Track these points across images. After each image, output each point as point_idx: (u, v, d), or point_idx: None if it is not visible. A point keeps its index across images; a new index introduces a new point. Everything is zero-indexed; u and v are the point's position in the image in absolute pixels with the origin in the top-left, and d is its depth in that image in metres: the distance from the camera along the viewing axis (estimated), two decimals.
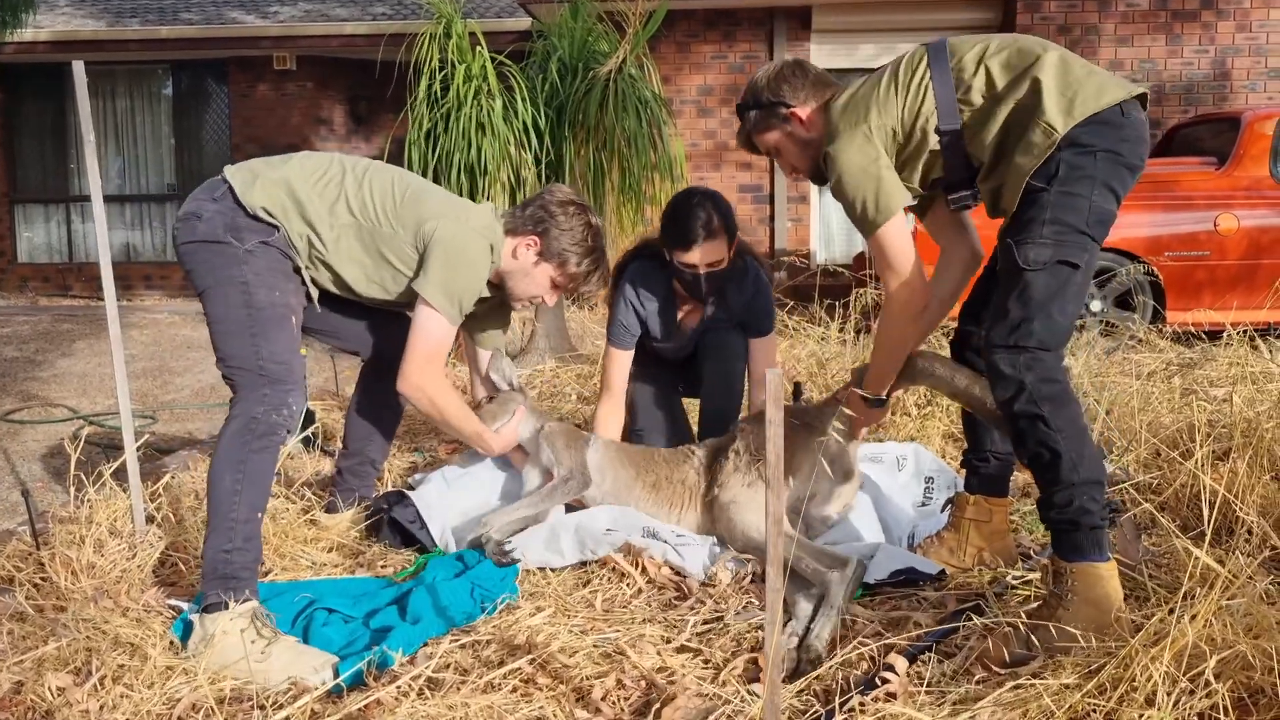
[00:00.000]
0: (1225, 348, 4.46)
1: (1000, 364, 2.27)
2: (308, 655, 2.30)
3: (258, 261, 2.59)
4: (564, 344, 6.39)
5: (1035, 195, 2.29)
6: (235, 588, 2.37)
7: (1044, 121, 2.28)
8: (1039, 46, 2.40)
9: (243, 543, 2.41)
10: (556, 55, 6.17)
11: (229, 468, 2.44)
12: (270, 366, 2.53)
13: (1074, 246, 2.26)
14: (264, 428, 2.48)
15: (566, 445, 3.04)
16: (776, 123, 2.68)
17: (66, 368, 6.82)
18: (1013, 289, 2.29)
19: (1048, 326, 2.25)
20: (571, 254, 2.90)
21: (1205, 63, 9.69)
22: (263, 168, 2.70)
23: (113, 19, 11.47)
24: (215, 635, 2.29)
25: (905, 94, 2.47)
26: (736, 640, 2.37)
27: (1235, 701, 1.80)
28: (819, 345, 5.36)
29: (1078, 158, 2.27)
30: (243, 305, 2.55)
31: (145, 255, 12.42)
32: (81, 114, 2.91)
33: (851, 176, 2.46)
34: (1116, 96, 2.30)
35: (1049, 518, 2.29)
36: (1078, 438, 2.24)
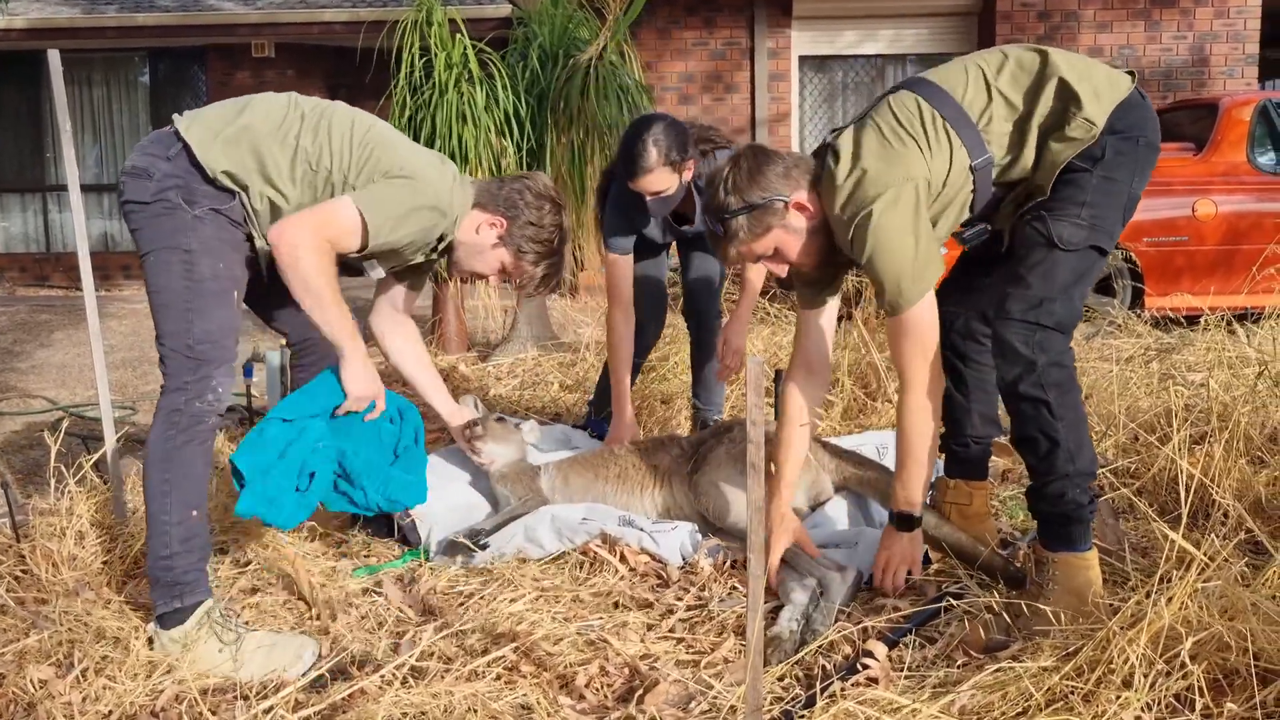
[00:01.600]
0: (1203, 333, 4.50)
1: (1014, 339, 2.23)
2: (282, 645, 2.28)
3: (205, 229, 2.41)
4: (546, 332, 6.39)
5: (1076, 175, 2.25)
6: (180, 594, 2.30)
7: (1082, 117, 2.23)
8: (1029, 51, 2.35)
9: (180, 545, 2.32)
10: (537, 42, 6.15)
11: (156, 468, 2.35)
12: (199, 347, 2.39)
13: (1105, 234, 2.25)
14: (187, 420, 2.36)
15: (518, 478, 3.08)
16: (775, 221, 2.39)
17: (45, 358, 6.77)
18: (1038, 263, 2.25)
19: (1068, 309, 2.24)
20: (531, 248, 2.76)
21: (1184, 49, 9.73)
22: (219, 122, 2.47)
23: (89, 6, 11.36)
24: (179, 649, 2.25)
25: (925, 141, 2.29)
26: (721, 626, 2.38)
27: (1211, 683, 1.83)
28: None
29: (1123, 143, 2.25)
30: (183, 276, 2.40)
31: (124, 245, 12.31)
32: (58, 103, 2.88)
33: (892, 242, 2.24)
34: (1126, 80, 2.31)
35: (1039, 509, 2.29)
36: (1077, 427, 2.24)
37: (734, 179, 2.39)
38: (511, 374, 5.61)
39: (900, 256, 2.25)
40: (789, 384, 2.65)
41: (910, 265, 2.25)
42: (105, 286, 11.70)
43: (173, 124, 2.49)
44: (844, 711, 1.81)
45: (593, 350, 5.63)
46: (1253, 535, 2.47)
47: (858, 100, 10.44)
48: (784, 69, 10.16)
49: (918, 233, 2.26)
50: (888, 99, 2.39)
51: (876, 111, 2.37)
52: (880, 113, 2.36)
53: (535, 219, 2.75)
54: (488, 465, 3.10)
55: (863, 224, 2.26)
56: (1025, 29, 9.63)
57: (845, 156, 2.32)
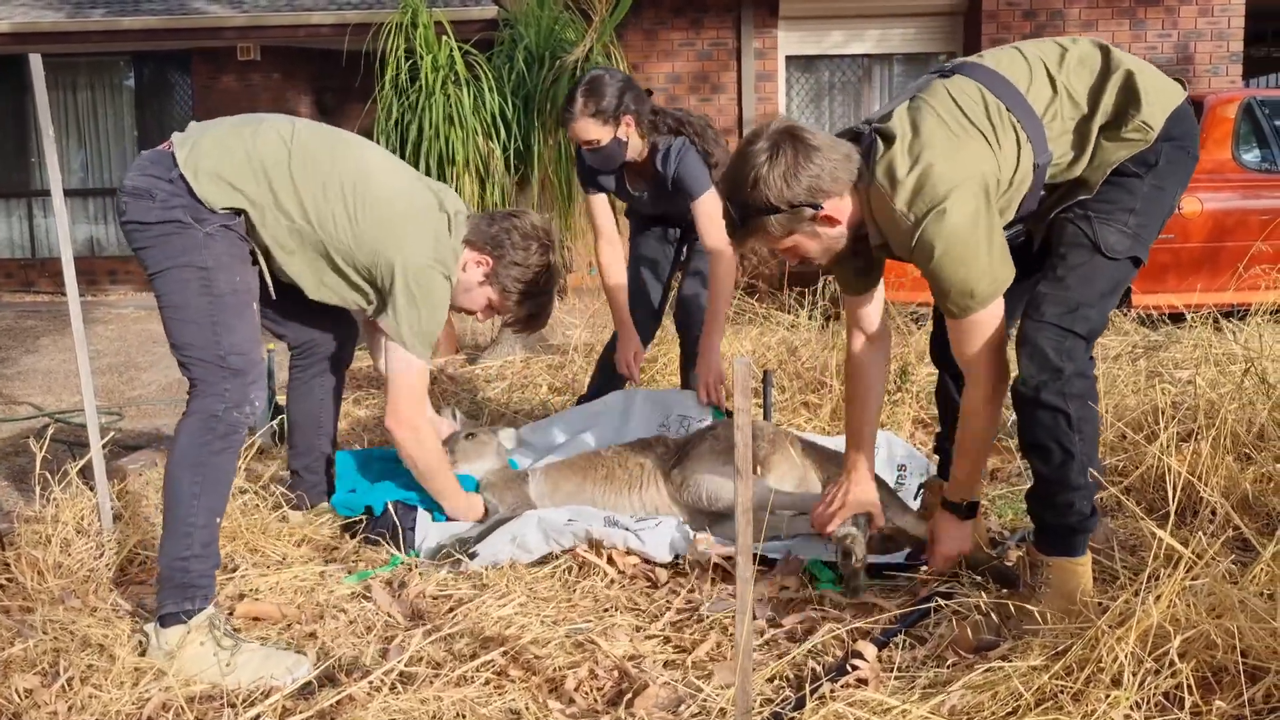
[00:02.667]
0: (1189, 331, 4.51)
1: (1045, 344, 2.14)
2: (277, 658, 2.26)
3: (217, 245, 2.44)
4: (534, 336, 6.37)
5: (1128, 180, 2.18)
6: (192, 597, 2.30)
7: (1141, 120, 2.16)
8: (1090, 45, 2.26)
9: (200, 549, 2.33)
10: (523, 44, 6.14)
11: (187, 470, 2.35)
12: (232, 359, 2.41)
13: (1144, 245, 2.20)
14: (225, 427, 2.38)
15: (505, 486, 3.10)
16: (800, 227, 2.23)
17: (31, 364, 6.73)
18: (1079, 265, 2.17)
19: (1100, 318, 2.18)
20: (515, 288, 2.79)
21: (1168, 47, 9.77)
22: (213, 158, 2.48)
23: (73, 10, 11.31)
24: (175, 650, 2.24)
25: (993, 134, 2.16)
26: (709, 628, 2.37)
27: (1200, 681, 1.83)
28: (789, 332, 5.38)
29: (1176, 152, 2.19)
30: (202, 292, 2.41)
31: (109, 250, 12.27)
32: (40, 109, 2.86)
33: (964, 245, 2.10)
34: (1178, 88, 2.25)
35: (1043, 517, 2.26)
36: (1092, 441, 2.20)
37: (769, 173, 2.17)
38: (500, 377, 5.60)
39: (973, 260, 2.12)
40: (853, 352, 2.54)
41: (985, 269, 2.13)
42: (91, 292, 11.64)
43: (170, 144, 2.51)
44: (833, 713, 1.81)
45: (581, 353, 5.63)
46: (1240, 533, 2.47)
47: (844, 100, 10.45)
48: (771, 69, 10.17)
49: (991, 232, 2.13)
50: (944, 84, 2.23)
51: (931, 96, 2.21)
52: (936, 98, 2.20)
53: (521, 259, 2.78)
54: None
55: (932, 225, 2.10)
56: (1011, 28, 9.65)
57: (904, 149, 2.15)
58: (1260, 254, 6.03)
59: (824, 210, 2.20)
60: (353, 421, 4.66)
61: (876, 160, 2.18)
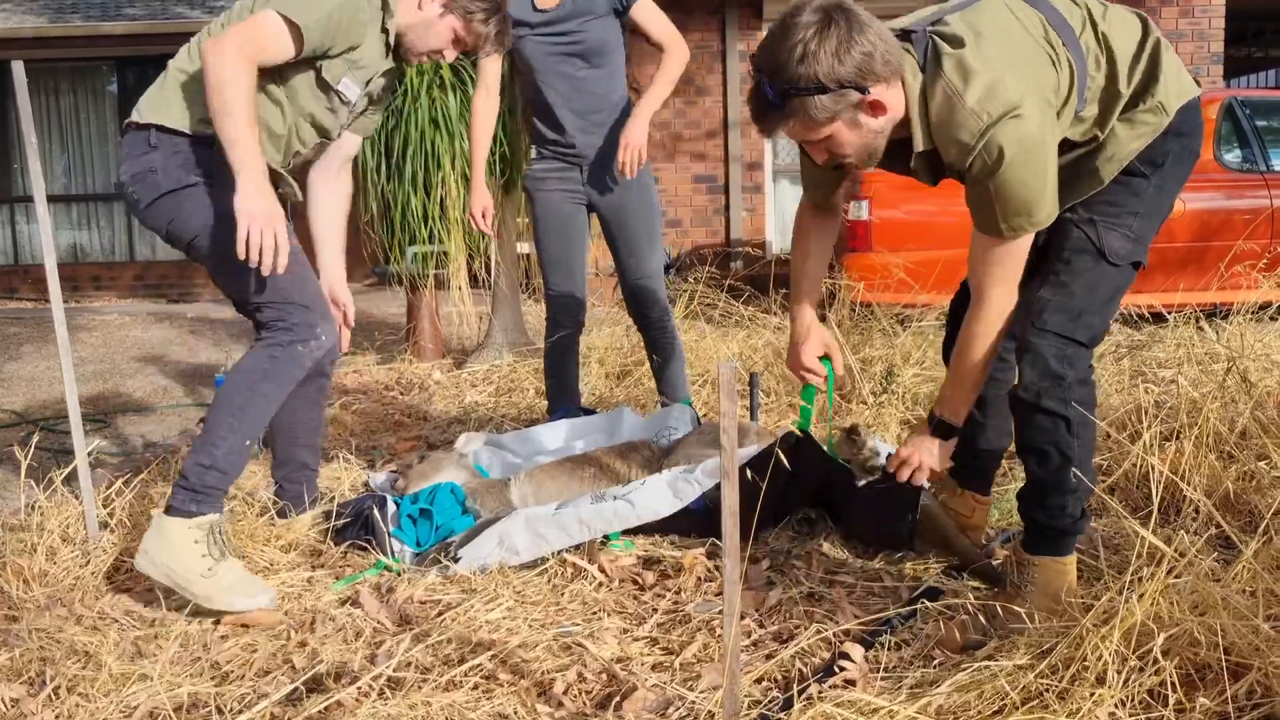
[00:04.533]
0: (1172, 330, 4.54)
1: (1047, 351, 2.13)
2: (249, 581, 2.46)
3: (229, 193, 2.43)
4: (521, 338, 6.38)
5: (1133, 180, 2.13)
6: (201, 500, 2.48)
7: (1158, 100, 2.09)
8: (1127, 10, 2.19)
9: (224, 462, 2.50)
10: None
11: (238, 391, 2.52)
12: (290, 291, 2.54)
13: (1145, 248, 2.17)
14: (285, 360, 2.53)
15: (486, 492, 3.11)
16: (844, 112, 1.99)
17: (14, 372, 6.70)
18: (1084, 272, 2.14)
19: (1102, 325, 2.17)
20: (477, 7, 2.75)
21: None
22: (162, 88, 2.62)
23: (55, 15, 11.27)
24: (172, 538, 2.44)
25: (1055, 58, 2.04)
26: (697, 629, 2.38)
27: (1183, 678, 1.85)
28: (775, 335, 5.39)
29: (1182, 152, 2.15)
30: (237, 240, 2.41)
31: (93, 255, 12.22)
32: (23, 116, 2.85)
33: (1032, 156, 1.96)
34: (1194, 84, 2.18)
35: (1034, 518, 2.27)
36: (1089, 447, 2.20)
37: (819, 48, 1.93)
38: (487, 381, 5.60)
39: (1041, 173, 1.98)
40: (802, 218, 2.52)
41: (1047, 188, 2.01)
42: (75, 298, 11.59)
43: (128, 127, 2.59)
44: (821, 714, 1.82)
45: None
46: (1222, 531, 2.49)
47: None
48: None
49: (1053, 154, 2.01)
50: (1004, 3, 2.09)
51: (992, 8, 2.08)
52: (998, 13, 2.06)
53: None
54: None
55: (1005, 127, 1.94)
56: None
57: (975, 49, 1.99)
58: (1243, 253, 6.07)
59: (871, 95, 1.98)
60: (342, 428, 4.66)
61: (944, 54, 2.01)
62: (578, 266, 3.79)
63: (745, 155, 10.29)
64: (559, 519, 2.81)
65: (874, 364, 4.40)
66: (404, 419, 4.81)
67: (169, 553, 2.45)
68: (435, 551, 2.87)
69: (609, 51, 3.67)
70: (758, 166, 10.32)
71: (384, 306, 9.61)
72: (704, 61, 10.18)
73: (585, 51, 3.64)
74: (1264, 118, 6.85)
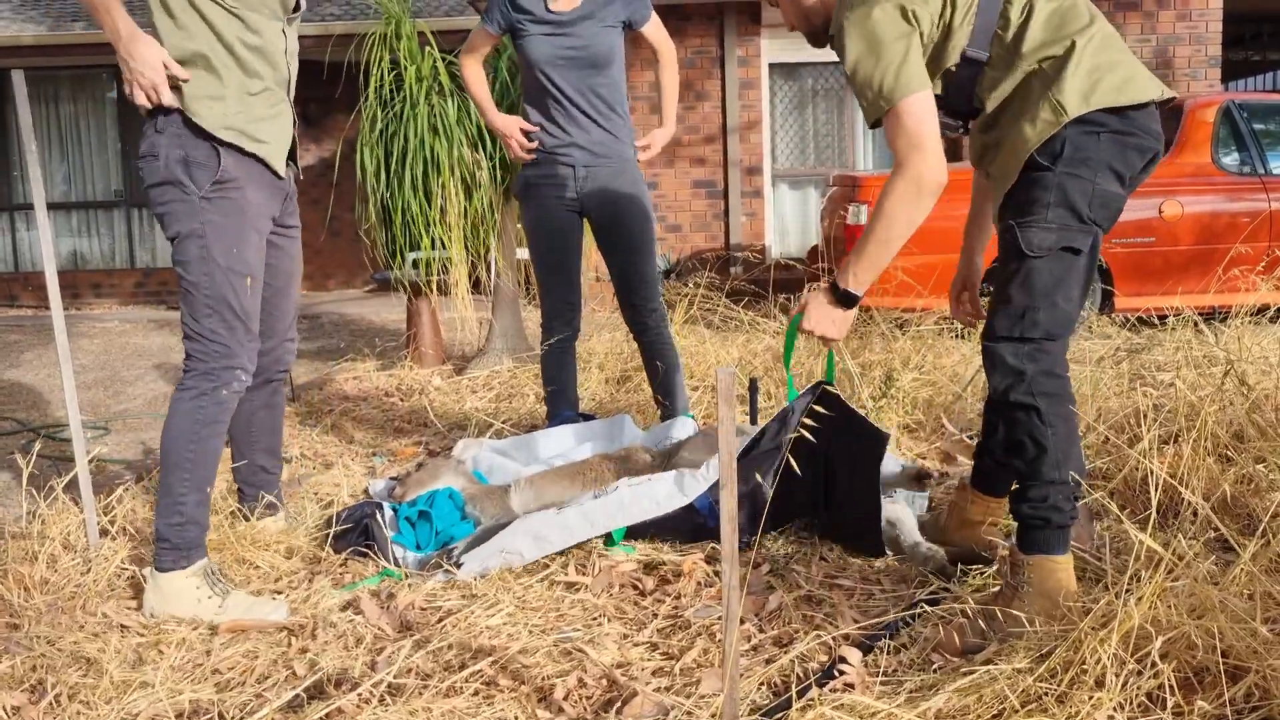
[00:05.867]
0: (1170, 333, 4.55)
1: (1002, 352, 2.23)
2: (260, 602, 2.57)
3: (211, 212, 2.58)
4: (521, 344, 6.39)
5: (1039, 175, 2.21)
6: (187, 553, 2.59)
7: (1057, 98, 2.18)
8: (1089, 12, 2.28)
9: (194, 513, 2.61)
10: (506, 54, 6.15)
11: (181, 446, 2.59)
12: (221, 331, 2.61)
13: (1077, 232, 2.21)
14: (214, 408, 2.61)
15: (486, 498, 3.12)
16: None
17: (15, 379, 6.71)
18: (1014, 274, 2.23)
19: (1052, 315, 2.21)
20: None
21: (1147, 52, 9.84)
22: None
23: (55, 23, 11.29)
24: (171, 591, 2.56)
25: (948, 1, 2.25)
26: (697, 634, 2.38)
27: (1182, 681, 1.85)
28: (774, 340, 5.40)
29: (1083, 137, 2.18)
30: (199, 257, 2.58)
31: (93, 263, 12.24)
32: (23, 125, 2.86)
33: (875, 45, 2.21)
34: (1136, 96, 2.21)
35: (1020, 511, 2.29)
36: (1067, 437, 2.23)
37: None
38: (487, 386, 5.60)
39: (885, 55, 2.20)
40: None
41: (895, 65, 2.20)
42: (75, 305, 11.61)
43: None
44: (820, 717, 1.82)
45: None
46: (1221, 534, 2.49)
47: (828, 106, 10.50)
48: (754, 76, 10.21)
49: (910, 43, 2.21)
50: None
51: None
52: None
53: None
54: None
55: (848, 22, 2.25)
56: None
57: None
58: (1241, 256, 6.08)
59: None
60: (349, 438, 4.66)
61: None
62: (572, 271, 3.80)
63: (744, 160, 10.30)
64: (562, 518, 2.82)
65: (873, 368, 4.41)
66: (404, 425, 4.81)
67: (175, 604, 2.57)
68: (437, 557, 2.87)
69: (615, 60, 3.72)
70: (757, 171, 10.34)
71: (384, 313, 9.63)
72: (703, 67, 10.20)
73: (593, 58, 3.67)
74: (1262, 121, 6.87)
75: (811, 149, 10.60)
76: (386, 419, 4.98)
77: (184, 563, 2.61)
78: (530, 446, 3.67)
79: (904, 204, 2.23)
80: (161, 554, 2.61)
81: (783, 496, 2.84)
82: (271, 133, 2.73)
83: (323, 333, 8.50)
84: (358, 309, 10.23)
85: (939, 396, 4.13)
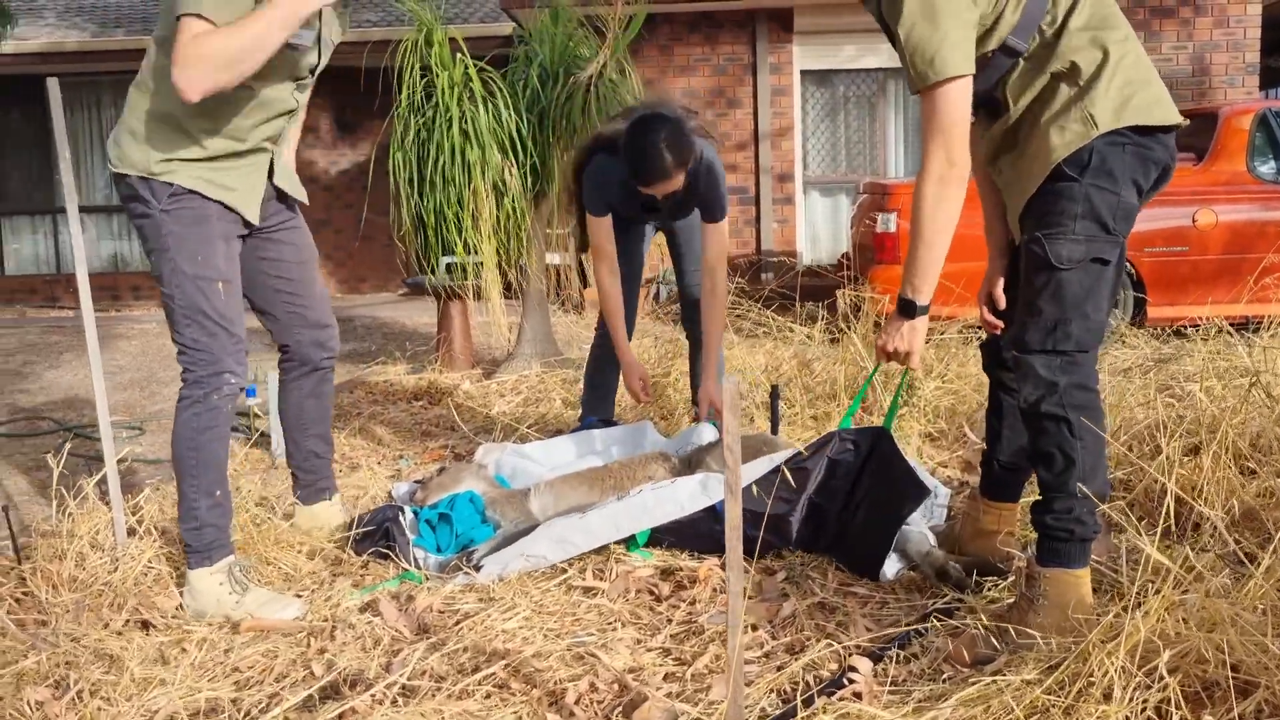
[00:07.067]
0: (1200, 344, 4.50)
1: (1035, 364, 2.22)
2: (276, 599, 2.68)
3: (173, 220, 2.63)
4: (550, 349, 6.42)
5: (1066, 185, 2.20)
6: (210, 553, 2.70)
7: (1089, 110, 2.17)
8: (1125, 25, 2.27)
9: (210, 516, 2.70)
10: (538, 61, 6.19)
11: (185, 454, 2.70)
12: (201, 338, 2.68)
13: (1105, 243, 2.21)
14: (208, 414, 2.70)
15: (506, 502, 3.16)
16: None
17: (54, 379, 6.83)
18: (1044, 287, 2.22)
19: (1084, 327, 2.21)
20: None
21: (1184, 59, 9.74)
22: (122, 127, 2.68)
23: (97, 29, 11.48)
24: (200, 587, 2.67)
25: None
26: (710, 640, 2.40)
27: (1191, 695, 1.84)
28: (802, 347, 5.40)
29: (1109, 149, 2.18)
30: (170, 271, 2.65)
31: (133, 265, 12.43)
32: (57, 131, 2.93)
33: (934, 12, 2.15)
34: (1163, 119, 2.21)
35: (1043, 522, 2.28)
36: (1095, 450, 2.23)
37: None
38: (515, 391, 5.64)
39: (934, 25, 2.15)
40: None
41: (943, 39, 2.15)
42: (115, 306, 11.79)
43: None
44: None
45: None
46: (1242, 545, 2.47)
47: (859, 114, 10.48)
48: (786, 83, 10.20)
49: (963, 15, 2.16)
50: None
51: None
52: None
53: None
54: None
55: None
56: None
57: None
58: (1275, 265, 6.01)
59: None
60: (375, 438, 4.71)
61: None
62: (636, 274, 3.94)
63: (776, 167, 10.29)
64: (585, 522, 2.85)
65: (896, 376, 4.40)
66: (432, 429, 4.86)
67: (203, 599, 2.68)
68: (457, 559, 2.90)
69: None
70: (788, 178, 10.33)
71: (417, 316, 9.70)
72: (735, 74, 10.21)
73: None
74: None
75: (843, 156, 10.57)
76: (414, 422, 5.02)
77: (207, 562, 2.69)
78: (552, 451, 3.69)
79: (934, 201, 2.24)
80: (187, 554, 2.72)
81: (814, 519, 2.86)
82: (239, 180, 2.73)
83: (355, 336, 8.58)
84: (391, 312, 10.31)
85: (962, 405, 4.11)
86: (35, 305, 12.15)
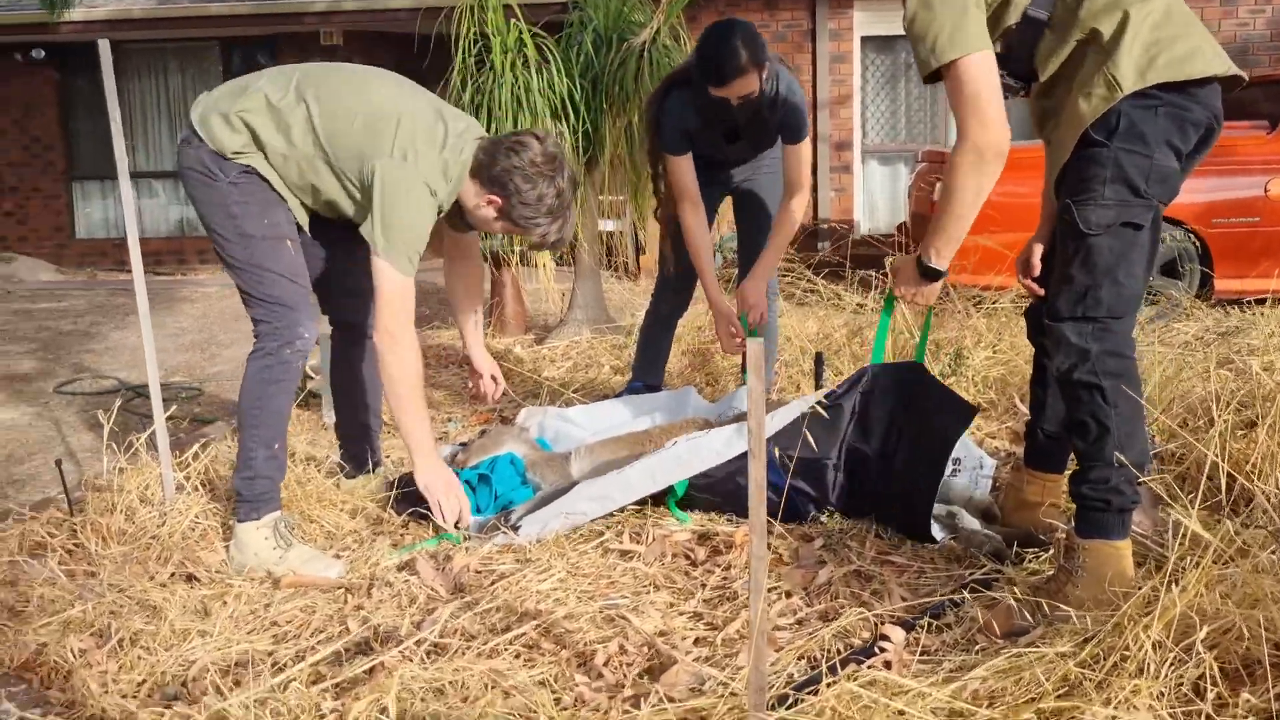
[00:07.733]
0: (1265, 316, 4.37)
1: (1068, 334, 2.20)
2: (318, 558, 2.71)
3: (240, 192, 2.72)
4: (602, 315, 6.42)
5: (1095, 151, 2.16)
6: (260, 506, 2.74)
7: (1112, 73, 2.12)
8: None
9: (264, 468, 2.75)
10: (591, 26, 6.16)
11: (249, 405, 2.76)
12: (276, 292, 2.73)
13: (1137, 207, 2.16)
14: (279, 368, 2.75)
15: (546, 465, 3.17)
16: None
17: (119, 340, 6.98)
18: (1076, 255, 2.19)
19: (1116, 293, 2.18)
20: (532, 222, 2.83)
21: (1261, 23, 9.41)
22: (225, 102, 2.77)
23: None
24: (246, 540, 2.72)
25: None
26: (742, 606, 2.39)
27: (1231, 672, 1.79)
28: (853, 316, 5.34)
29: (1140, 111, 2.12)
30: (237, 236, 2.72)
31: (199, 230, 12.61)
32: (108, 94, 2.98)
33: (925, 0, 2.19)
34: (1198, 71, 2.12)
35: (1080, 492, 2.25)
36: (1131, 418, 2.19)
37: None
38: (565, 356, 5.66)
39: (943, 9, 2.18)
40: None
41: (951, 23, 2.17)
42: (181, 270, 12.01)
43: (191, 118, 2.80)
44: (848, 693, 1.81)
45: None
46: None
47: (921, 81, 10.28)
48: (846, 50, 10.04)
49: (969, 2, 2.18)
50: None
51: None
52: None
53: (531, 198, 2.81)
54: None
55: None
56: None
57: None
58: None
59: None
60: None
61: None
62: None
63: (834, 135, 10.16)
64: (623, 476, 2.85)
65: (945, 345, 4.33)
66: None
67: (247, 552, 2.73)
68: (496, 519, 2.92)
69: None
70: (846, 146, 10.19)
71: None
72: (794, 40, 10.07)
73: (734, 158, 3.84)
74: None
75: (903, 124, 10.40)
76: (465, 385, 5.06)
77: (255, 515, 2.74)
78: (595, 415, 3.70)
79: (969, 175, 2.23)
80: (238, 506, 2.76)
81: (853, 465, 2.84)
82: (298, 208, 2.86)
83: None
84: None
85: (1013, 377, 4.03)
86: (105, 268, 12.41)
